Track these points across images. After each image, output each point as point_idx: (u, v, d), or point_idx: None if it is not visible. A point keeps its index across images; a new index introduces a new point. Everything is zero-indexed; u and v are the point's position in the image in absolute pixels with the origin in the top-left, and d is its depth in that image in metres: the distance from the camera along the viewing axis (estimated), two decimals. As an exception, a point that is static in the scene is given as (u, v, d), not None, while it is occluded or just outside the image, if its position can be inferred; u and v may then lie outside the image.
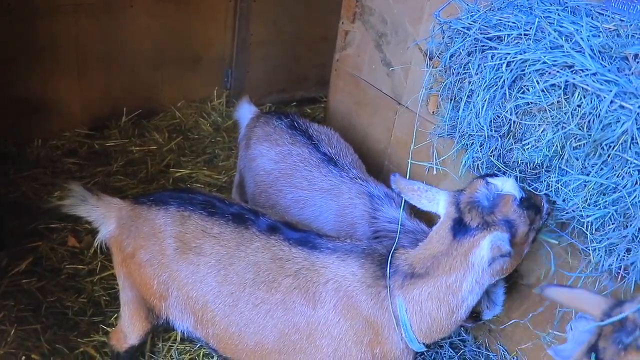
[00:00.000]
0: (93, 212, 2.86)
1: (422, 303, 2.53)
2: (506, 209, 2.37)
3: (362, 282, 2.59)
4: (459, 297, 2.49)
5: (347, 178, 3.44)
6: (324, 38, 6.09)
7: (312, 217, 3.40)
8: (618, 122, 2.26)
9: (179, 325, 2.93)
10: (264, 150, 3.70)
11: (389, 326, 2.61)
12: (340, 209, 3.37)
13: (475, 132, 2.89)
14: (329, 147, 3.66)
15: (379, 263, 2.63)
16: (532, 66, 2.53)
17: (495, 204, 2.39)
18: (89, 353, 3.47)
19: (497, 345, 3.82)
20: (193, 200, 2.79)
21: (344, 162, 3.57)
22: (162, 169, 5.14)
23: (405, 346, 2.67)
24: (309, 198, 3.45)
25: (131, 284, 2.88)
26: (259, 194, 3.68)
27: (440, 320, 2.56)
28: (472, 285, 2.47)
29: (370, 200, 3.32)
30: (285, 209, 3.46)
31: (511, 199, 2.37)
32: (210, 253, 2.67)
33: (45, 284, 3.82)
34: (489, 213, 2.38)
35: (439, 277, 2.47)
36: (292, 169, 3.55)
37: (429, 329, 2.60)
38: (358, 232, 3.27)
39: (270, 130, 3.77)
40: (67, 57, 5.02)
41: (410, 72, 3.87)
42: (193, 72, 5.96)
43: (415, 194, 2.64)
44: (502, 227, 2.36)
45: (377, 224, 3.25)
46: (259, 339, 2.71)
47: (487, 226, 2.37)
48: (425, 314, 2.55)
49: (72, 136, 5.26)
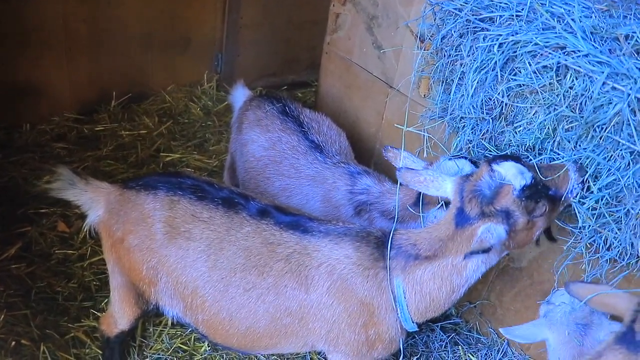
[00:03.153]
0: (81, 196, 2.83)
1: (423, 283, 2.57)
2: (505, 199, 2.37)
3: (359, 265, 2.60)
4: (463, 276, 2.55)
5: (331, 164, 3.46)
6: (315, 21, 6.06)
7: (300, 205, 3.41)
8: (610, 103, 2.25)
9: (168, 311, 2.93)
10: (255, 136, 3.70)
11: (385, 307, 2.64)
12: (324, 194, 3.39)
13: (467, 114, 2.88)
14: (318, 134, 3.65)
15: (375, 245, 2.65)
16: (524, 48, 2.52)
17: (495, 193, 2.39)
18: (79, 338, 3.46)
19: (488, 328, 3.83)
20: (182, 185, 2.77)
21: (330, 149, 3.58)
22: (152, 153, 5.10)
23: (399, 326, 2.71)
24: (296, 186, 3.47)
25: (120, 269, 2.87)
26: (249, 180, 3.68)
27: (440, 300, 2.62)
28: (478, 265, 2.54)
29: (350, 179, 3.35)
30: (274, 197, 3.47)
31: (510, 190, 2.36)
32: (200, 238, 2.66)
33: (35, 269, 3.80)
34: (488, 203, 2.39)
35: (446, 258, 2.52)
36: (280, 157, 3.55)
37: (425, 309, 2.65)
38: (343, 214, 3.29)
39: (261, 114, 3.76)
40: (55, 40, 4.94)
41: (401, 55, 3.85)
42: (183, 56, 5.90)
43: (423, 185, 2.65)
44: (497, 218, 2.37)
45: (354, 198, 3.30)
46: (250, 324, 2.71)
47: (484, 217, 2.39)
48: (425, 294, 2.59)
49: (61, 121, 5.21)
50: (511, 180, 2.36)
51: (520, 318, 3.58)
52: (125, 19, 5.26)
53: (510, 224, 2.38)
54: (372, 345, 2.74)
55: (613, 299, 2.19)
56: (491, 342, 3.81)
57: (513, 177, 2.36)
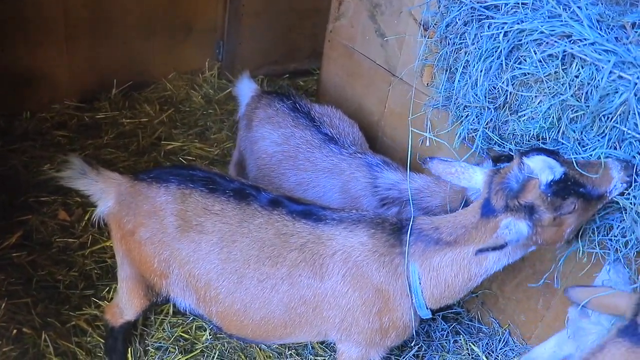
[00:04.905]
0: (92, 187, 2.80)
1: (440, 269, 2.57)
2: (530, 194, 2.33)
3: (374, 252, 2.60)
4: (483, 267, 2.55)
5: (347, 155, 3.44)
6: (317, 8, 6.03)
7: (317, 198, 3.39)
8: (616, 92, 2.23)
9: (180, 303, 2.92)
10: (267, 133, 3.68)
11: (401, 294, 2.64)
12: (343, 185, 3.37)
13: (471, 103, 2.86)
14: (331, 127, 3.64)
15: (390, 231, 2.64)
16: (529, 36, 2.49)
17: (522, 187, 2.35)
18: (80, 326, 3.46)
19: (489, 318, 3.83)
20: (193, 177, 2.76)
21: (344, 140, 3.56)
22: (153, 141, 5.08)
23: (414, 313, 2.72)
24: (313, 179, 3.45)
25: (130, 261, 2.86)
26: (261, 177, 3.66)
27: (455, 287, 2.61)
28: (499, 257, 2.53)
29: (369, 171, 3.32)
30: (289, 192, 3.43)
31: (537, 184, 2.31)
32: (213, 230, 2.65)
33: (36, 257, 3.79)
34: (513, 197, 2.35)
35: (467, 246, 2.50)
36: (295, 152, 3.53)
37: (440, 295, 2.65)
38: (363, 205, 3.27)
39: (272, 112, 3.74)
40: (55, 27, 4.91)
41: (404, 43, 3.81)
42: (184, 44, 5.86)
43: (454, 176, 2.63)
44: (520, 213, 2.34)
45: (380, 192, 3.27)
46: (264, 314, 2.71)
47: (507, 210, 2.37)
48: (441, 281, 2.59)
49: (62, 108, 5.18)
50: (539, 174, 2.32)
51: (522, 308, 3.58)
52: (127, 5, 5.22)
53: (534, 220, 2.34)
54: (385, 333, 2.74)
55: (613, 299, 2.19)
56: (492, 331, 3.81)
57: (541, 171, 2.31)
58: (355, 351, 2.86)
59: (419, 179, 3.22)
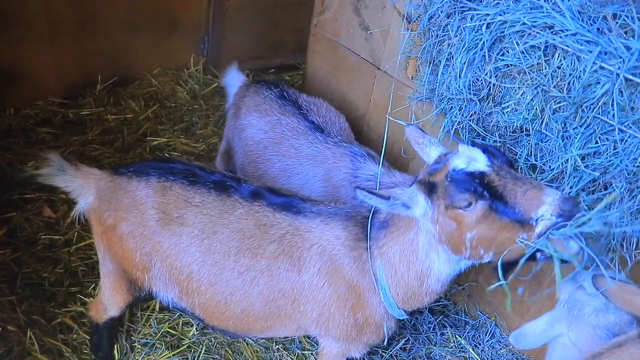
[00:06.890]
0: (71, 183, 2.79)
1: (395, 265, 2.51)
2: (439, 175, 2.23)
3: (346, 246, 2.58)
4: (418, 257, 2.43)
5: (332, 143, 3.44)
6: (301, 3, 6.02)
7: (300, 185, 3.40)
8: (598, 83, 2.25)
9: (163, 297, 2.91)
10: (254, 121, 3.69)
11: (369, 290, 2.62)
12: (325, 173, 3.37)
13: (455, 95, 2.87)
14: (318, 116, 3.65)
15: (361, 225, 2.61)
16: (511, 27, 2.50)
17: (441, 168, 2.26)
18: (66, 323, 3.44)
19: (476, 311, 3.85)
20: (174, 170, 2.75)
21: (330, 129, 3.57)
22: (138, 137, 5.05)
23: (385, 311, 2.68)
24: (297, 166, 3.44)
25: (112, 256, 2.84)
26: (248, 164, 3.67)
27: (412, 286, 2.53)
28: (425, 245, 2.40)
29: (352, 161, 3.32)
30: (274, 179, 3.46)
31: (447, 168, 2.21)
32: (193, 223, 2.64)
33: (21, 254, 3.76)
34: (428, 174, 2.28)
35: (404, 232, 2.44)
36: (280, 138, 3.54)
37: (405, 294, 2.58)
38: (343, 195, 3.26)
39: (260, 100, 3.75)
40: (38, 22, 4.85)
41: (388, 36, 3.81)
42: (169, 39, 5.83)
43: (420, 147, 2.53)
44: (423, 187, 2.26)
45: (359, 183, 3.24)
46: (245, 306, 2.71)
47: (418, 182, 2.30)
48: (399, 277, 2.53)
49: (46, 105, 5.13)
50: (454, 160, 2.22)
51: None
52: (111, 0, 5.18)
53: (433, 200, 2.24)
54: (361, 329, 2.73)
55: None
56: (479, 324, 3.83)
57: (456, 158, 2.22)
58: (335, 346, 2.87)
59: (399, 176, 3.19)
